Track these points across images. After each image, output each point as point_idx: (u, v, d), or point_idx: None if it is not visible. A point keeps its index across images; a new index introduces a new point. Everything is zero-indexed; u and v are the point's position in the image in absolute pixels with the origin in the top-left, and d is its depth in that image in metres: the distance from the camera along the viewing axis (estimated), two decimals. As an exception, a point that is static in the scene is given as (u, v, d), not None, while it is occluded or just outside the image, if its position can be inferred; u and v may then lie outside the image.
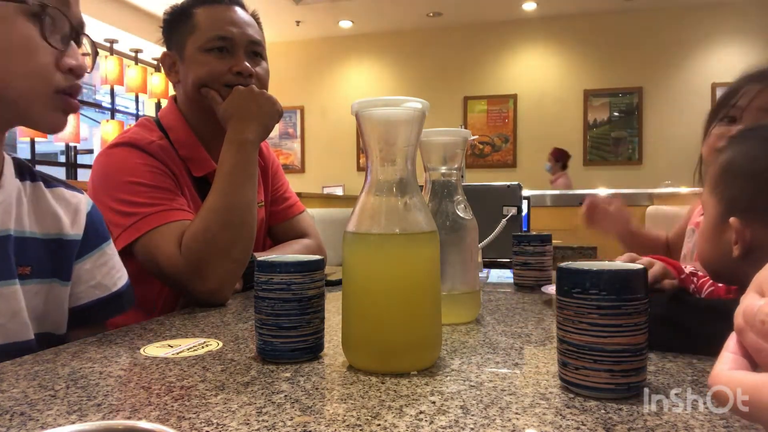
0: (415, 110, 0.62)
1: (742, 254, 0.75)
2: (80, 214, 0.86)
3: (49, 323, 0.81)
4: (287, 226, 1.37)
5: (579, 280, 0.51)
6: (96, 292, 0.87)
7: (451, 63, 6.24)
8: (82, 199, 0.88)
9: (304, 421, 0.47)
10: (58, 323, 0.83)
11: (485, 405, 0.50)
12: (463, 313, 0.85)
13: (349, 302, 0.64)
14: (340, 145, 6.49)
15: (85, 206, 0.88)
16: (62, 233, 0.83)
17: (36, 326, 0.78)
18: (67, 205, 0.85)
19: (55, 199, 0.84)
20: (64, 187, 0.87)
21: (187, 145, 1.17)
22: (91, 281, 0.86)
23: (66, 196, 0.85)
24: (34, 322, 0.78)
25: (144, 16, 5.48)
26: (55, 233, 0.82)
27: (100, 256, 0.88)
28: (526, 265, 1.17)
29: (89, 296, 0.86)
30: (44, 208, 0.82)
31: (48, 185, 0.84)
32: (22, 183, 0.80)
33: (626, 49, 5.75)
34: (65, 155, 4.87)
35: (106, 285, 0.88)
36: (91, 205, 0.90)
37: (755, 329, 0.31)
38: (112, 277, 0.89)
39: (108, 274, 0.89)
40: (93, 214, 0.89)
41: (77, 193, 0.88)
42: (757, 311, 0.31)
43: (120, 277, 0.91)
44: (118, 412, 0.50)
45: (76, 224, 0.85)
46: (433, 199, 0.85)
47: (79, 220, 0.86)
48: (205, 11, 1.17)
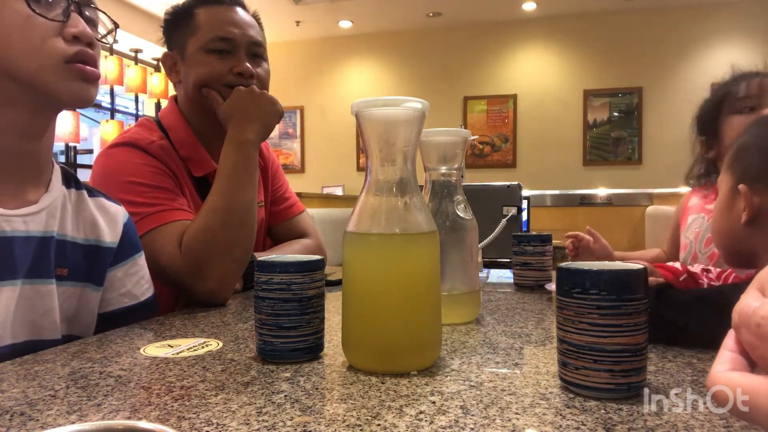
0: (415, 110, 0.62)
1: (749, 220, 0.79)
2: (118, 225, 0.91)
3: (78, 326, 0.84)
4: (287, 226, 1.37)
5: (579, 280, 0.51)
6: (125, 300, 0.90)
7: (451, 63, 6.24)
8: (119, 210, 0.93)
9: (304, 421, 0.47)
10: (86, 327, 0.85)
11: (485, 405, 0.50)
12: (463, 313, 0.85)
13: (349, 302, 0.64)
14: (340, 145, 6.49)
15: (122, 217, 0.92)
16: (100, 240, 0.87)
17: (65, 328, 0.81)
18: (106, 215, 0.89)
19: (97, 208, 0.88)
20: (105, 198, 0.91)
21: (187, 145, 1.17)
22: (121, 289, 0.90)
23: (106, 206, 0.90)
24: (64, 324, 0.80)
25: (144, 16, 5.48)
26: (94, 239, 0.86)
27: (132, 265, 0.92)
28: (526, 265, 1.17)
29: (119, 303, 0.90)
30: (86, 215, 0.86)
31: (91, 194, 0.89)
32: (68, 190, 0.84)
33: (626, 49, 5.75)
34: (65, 155, 4.86)
35: (135, 294, 0.92)
36: (128, 217, 0.94)
37: (750, 331, 0.31)
38: (141, 287, 0.93)
39: (138, 283, 0.92)
40: (128, 226, 0.93)
41: (115, 205, 0.93)
42: (753, 314, 0.31)
43: (148, 288, 0.95)
44: (118, 412, 0.50)
45: (113, 233, 0.89)
46: (433, 199, 0.85)
47: (116, 229, 0.90)
48: (207, 12, 1.17)
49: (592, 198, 5.40)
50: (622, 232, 4.78)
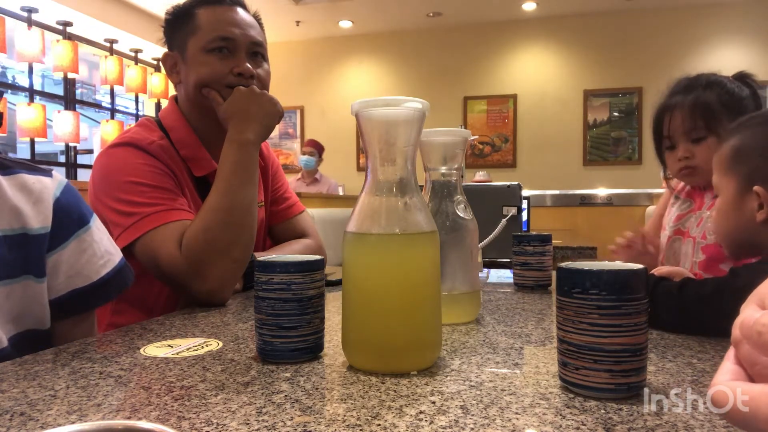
0: (415, 110, 0.62)
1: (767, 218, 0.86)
2: (44, 204, 0.77)
3: (30, 321, 0.77)
4: (287, 226, 1.37)
5: (579, 280, 0.51)
6: (76, 282, 0.80)
7: (451, 63, 6.24)
8: (47, 183, 0.79)
9: (304, 421, 0.47)
10: (40, 319, 0.78)
11: (485, 405, 0.50)
12: (463, 313, 0.85)
13: (349, 302, 0.64)
14: (340, 145, 6.49)
15: (51, 193, 0.78)
16: (26, 227, 0.75)
17: (15, 326, 0.75)
18: (29, 195, 0.76)
19: (17, 188, 0.75)
20: (27, 171, 0.77)
21: (187, 145, 1.17)
22: (69, 271, 0.80)
23: (28, 184, 0.76)
24: (12, 324, 0.74)
25: (144, 16, 5.48)
26: (19, 228, 0.74)
27: (78, 244, 0.80)
28: (526, 265, 1.17)
29: (68, 287, 0.80)
30: (1, 202, 0.73)
31: (6, 172, 0.75)
32: None
33: (626, 49, 5.75)
34: (65, 155, 4.87)
35: (87, 274, 0.81)
36: (62, 189, 0.80)
37: (752, 341, 0.31)
38: (93, 266, 0.82)
39: (89, 262, 0.82)
40: (63, 200, 0.80)
41: (43, 177, 0.79)
42: (755, 322, 0.31)
43: (105, 264, 0.83)
44: (118, 412, 0.50)
45: (41, 216, 0.76)
46: (433, 199, 0.85)
47: (44, 210, 0.77)
48: (207, 12, 1.17)
49: (592, 198, 5.40)
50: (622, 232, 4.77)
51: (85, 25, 4.91)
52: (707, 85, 1.24)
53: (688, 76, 1.29)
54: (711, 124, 1.20)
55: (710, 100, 1.21)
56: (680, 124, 1.24)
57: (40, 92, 4.81)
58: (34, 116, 4.16)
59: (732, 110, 1.19)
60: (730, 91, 1.22)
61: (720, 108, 1.20)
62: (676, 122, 1.25)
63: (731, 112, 1.19)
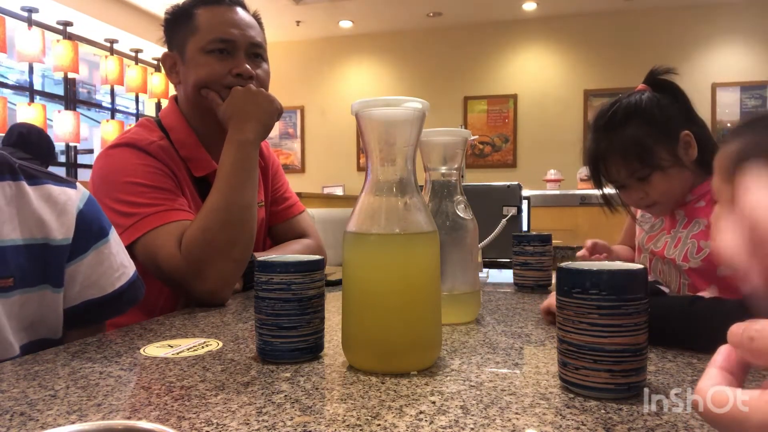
0: (415, 110, 0.62)
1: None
2: (68, 215, 0.79)
3: (43, 330, 0.77)
4: (287, 226, 1.37)
5: (579, 280, 0.51)
6: (90, 293, 0.82)
7: (451, 63, 6.24)
8: (72, 195, 0.80)
9: (304, 421, 0.47)
10: (53, 328, 0.79)
11: (485, 405, 0.50)
12: (463, 313, 0.85)
13: (349, 302, 0.64)
14: (340, 145, 6.49)
15: (75, 204, 0.80)
16: (48, 238, 0.76)
17: (29, 335, 0.75)
18: (54, 206, 0.78)
19: (40, 198, 0.77)
20: (53, 182, 0.79)
21: (187, 145, 1.17)
22: (85, 282, 0.81)
23: (53, 195, 0.78)
24: (26, 332, 0.74)
25: (144, 16, 5.48)
26: (42, 238, 0.75)
27: (96, 255, 0.82)
28: (526, 265, 1.17)
29: (83, 297, 0.81)
30: (27, 211, 0.75)
31: (32, 182, 0.76)
32: (1, 183, 0.73)
33: (626, 49, 5.75)
34: (65, 155, 4.87)
35: (102, 286, 0.83)
36: (85, 201, 0.82)
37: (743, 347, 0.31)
38: (109, 278, 0.84)
39: (104, 274, 0.83)
40: (86, 212, 0.81)
41: (68, 189, 0.80)
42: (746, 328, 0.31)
43: (119, 276, 0.85)
44: (118, 412, 0.50)
45: (64, 227, 0.78)
46: (433, 199, 0.85)
47: (67, 222, 0.78)
48: (207, 12, 1.17)
49: (592, 198, 5.40)
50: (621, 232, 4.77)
51: (86, 25, 4.91)
52: (625, 117, 1.12)
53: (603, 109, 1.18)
54: (648, 160, 1.10)
55: (636, 135, 1.10)
56: (618, 171, 1.14)
57: (40, 92, 4.82)
58: (34, 116, 4.16)
59: (663, 130, 1.10)
60: (650, 114, 1.12)
61: (649, 139, 1.10)
62: (613, 170, 1.15)
63: (663, 132, 1.10)
